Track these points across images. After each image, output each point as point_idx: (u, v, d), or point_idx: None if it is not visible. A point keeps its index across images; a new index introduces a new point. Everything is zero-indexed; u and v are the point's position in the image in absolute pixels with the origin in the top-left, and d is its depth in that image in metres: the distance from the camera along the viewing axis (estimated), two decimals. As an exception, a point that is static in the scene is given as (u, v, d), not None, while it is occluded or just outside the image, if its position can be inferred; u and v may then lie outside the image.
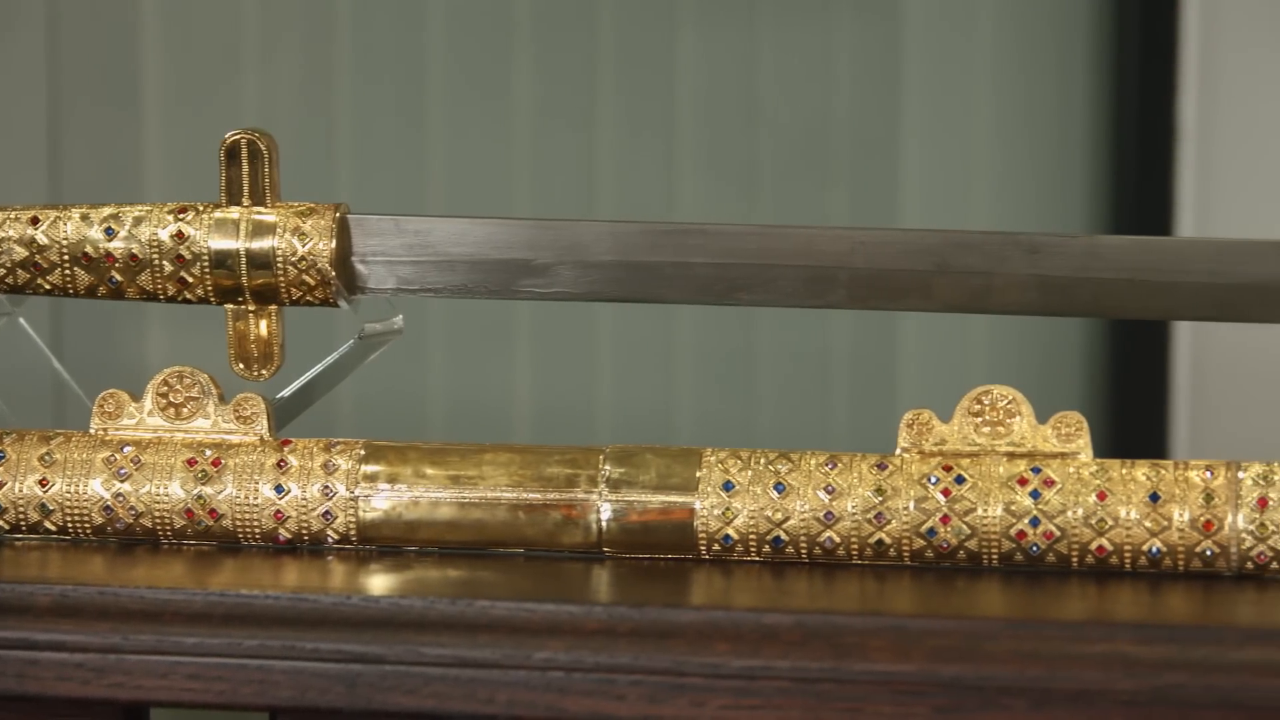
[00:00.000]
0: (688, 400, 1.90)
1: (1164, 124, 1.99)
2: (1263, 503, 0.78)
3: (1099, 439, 2.12)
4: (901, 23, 1.89)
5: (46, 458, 0.85)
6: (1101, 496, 0.79)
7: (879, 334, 1.93)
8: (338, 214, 0.86)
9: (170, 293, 0.87)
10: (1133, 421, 2.12)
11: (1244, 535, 0.78)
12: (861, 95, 1.89)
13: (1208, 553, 0.78)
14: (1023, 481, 0.80)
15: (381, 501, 0.83)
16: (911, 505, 0.80)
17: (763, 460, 0.82)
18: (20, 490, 0.85)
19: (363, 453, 0.84)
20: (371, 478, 0.83)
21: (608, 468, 0.82)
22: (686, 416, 1.91)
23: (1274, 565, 0.78)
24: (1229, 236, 0.86)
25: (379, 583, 0.79)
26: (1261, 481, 0.79)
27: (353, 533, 0.83)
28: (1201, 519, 0.78)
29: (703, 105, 1.86)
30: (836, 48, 1.88)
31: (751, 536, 0.81)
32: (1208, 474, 0.79)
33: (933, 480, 0.80)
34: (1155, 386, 2.08)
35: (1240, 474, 0.79)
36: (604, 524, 0.82)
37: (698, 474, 0.82)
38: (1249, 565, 0.79)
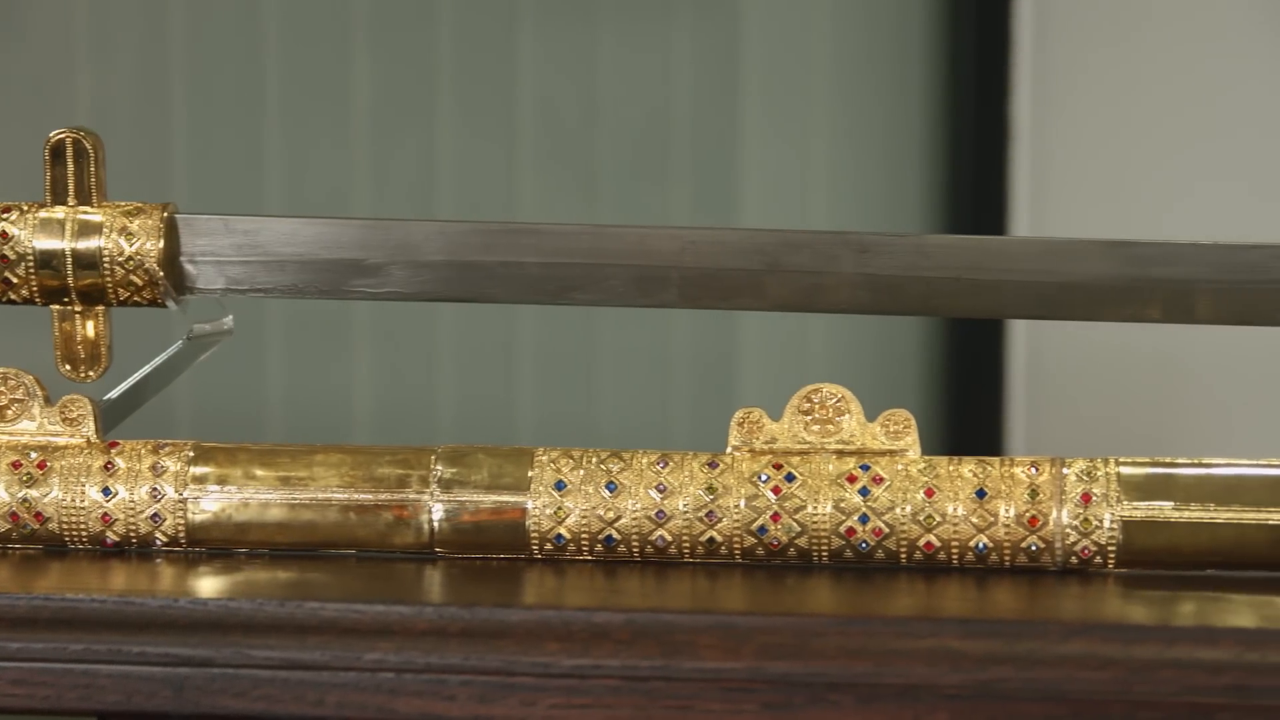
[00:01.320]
0: (528, 399, 1.90)
1: (998, 124, 2.02)
2: (1086, 498, 0.79)
3: (937, 437, 2.15)
4: (740, 24, 1.91)
5: None
6: (929, 493, 0.80)
7: (719, 333, 1.94)
8: (165, 214, 0.85)
9: (-6, 293, 0.86)
10: (970, 419, 2.14)
11: (1068, 530, 0.79)
12: (701, 95, 1.90)
13: (1033, 548, 0.79)
14: (852, 479, 0.80)
15: (211, 503, 0.82)
16: (742, 503, 0.80)
17: (594, 459, 0.82)
18: None
19: (191, 454, 0.83)
20: (200, 479, 0.83)
21: (439, 468, 0.82)
22: (527, 416, 1.91)
23: (1097, 560, 0.79)
24: (1062, 235, 0.87)
25: (207, 585, 0.78)
26: (1085, 477, 0.80)
27: (181, 535, 0.83)
28: (1027, 515, 0.79)
29: (543, 105, 1.86)
30: (676, 49, 1.89)
31: (584, 535, 0.81)
32: (1033, 470, 0.80)
33: (763, 478, 0.81)
34: (991, 384, 2.10)
35: (1065, 470, 0.80)
36: (436, 524, 0.82)
37: (530, 473, 0.82)
38: (1073, 560, 0.80)
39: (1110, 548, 0.79)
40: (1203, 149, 2.06)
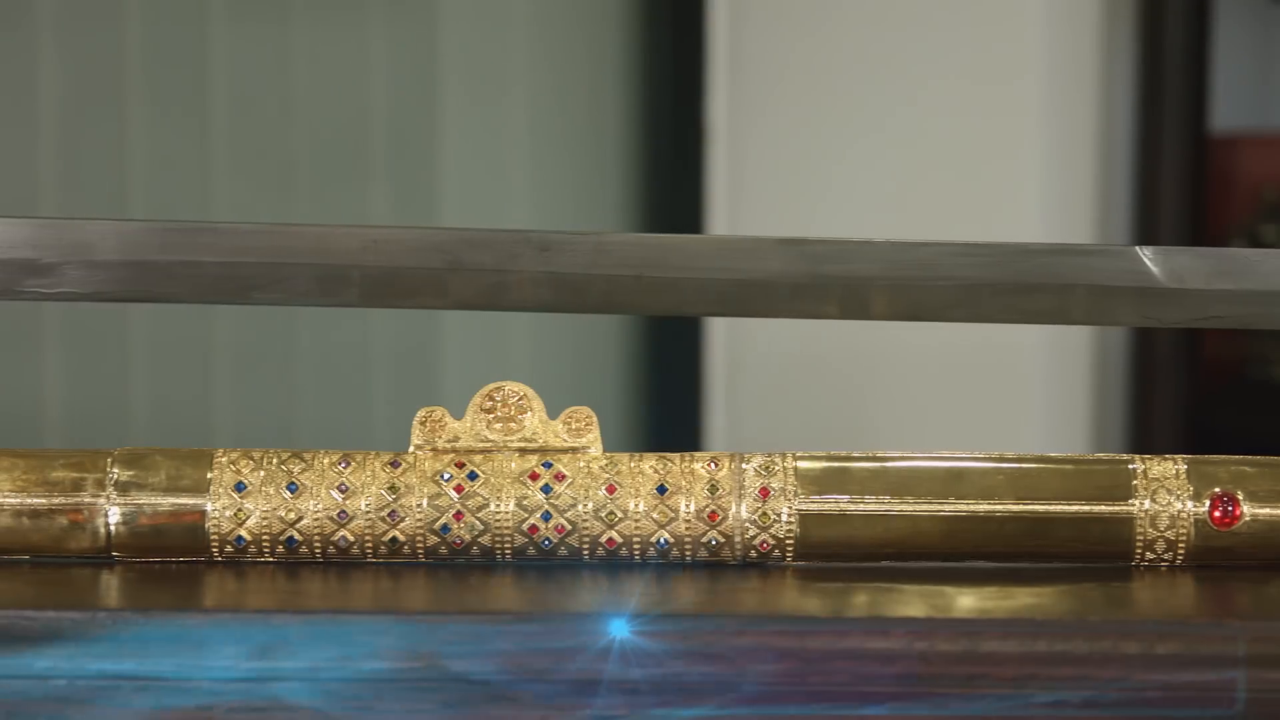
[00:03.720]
0: (226, 400, 1.88)
1: (694, 125, 2.04)
2: (765, 492, 0.80)
3: (638, 435, 2.16)
4: (437, 22, 1.90)
5: None
6: (611, 490, 0.80)
7: (422, 331, 1.93)
8: None
9: None
10: (671, 416, 2.16)
11: (747, 525, 0.80)
12: (399, 93, 1.89)
13: (713, 542, 0.80)
14: (534, 476, 0.81)
15: (-124, 510, 0.80)
16: (425, 502, 0.80)
17: (275, 460, 0.81)
18: None
19: None
20: None
21: (116, 471, 0.81)
22: (225, 417, 1.88)
23: (776, 553, 0.81)
24: (759, 234, 0.88)
25: None
26: (763, 472, 0.81)
27: None
28: (707, 510, 0.80)
29: (236, 101, 1.84)
30: (372, 46, 1.88)
31: (265, 537, 0.80)
32: (712, 465, 0.81)
33: (445, 477, 0.80)
34: (691, 381, 2.13)
35: (744, 465, 0.81)
36: (112, 528, 0.80)
37: (209, 475, 0.81)
38: (753, 554, 0.81)
39: (788, 541, 0.80)
40: (895, 148, 2.10)
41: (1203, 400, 2.29)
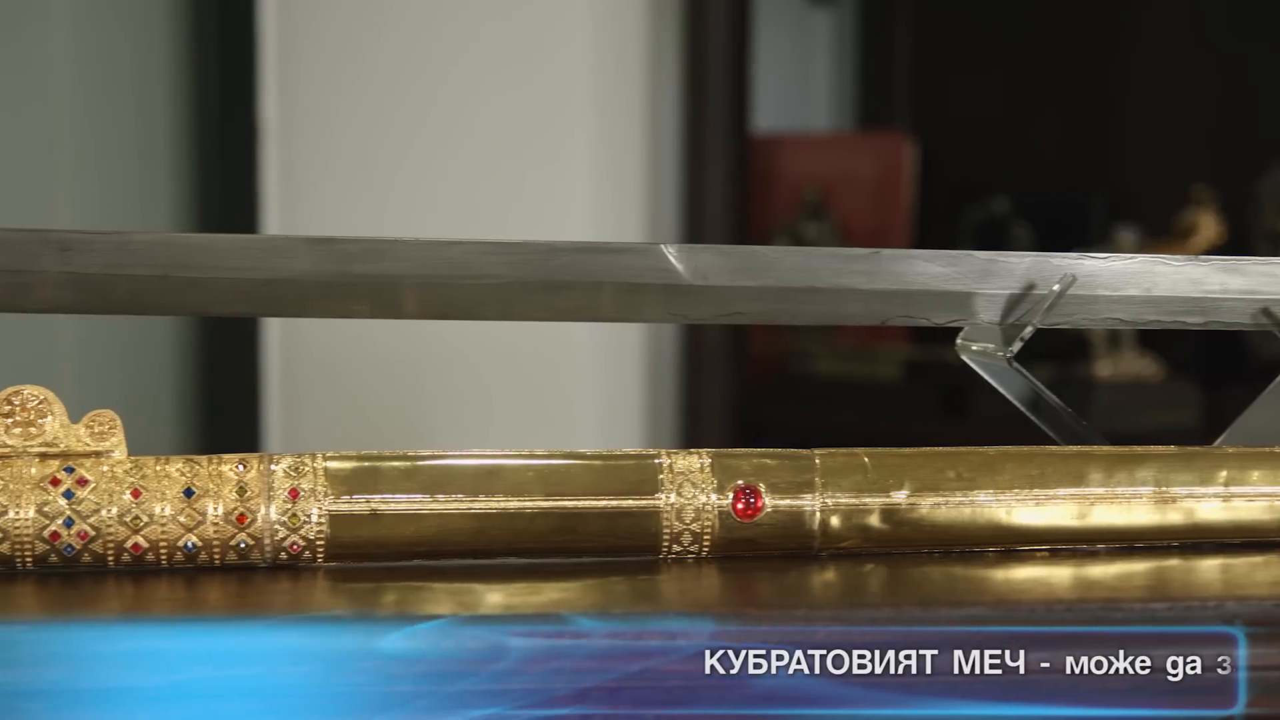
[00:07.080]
0: None
1: (247, 123, 2.02)
2: (294, 493, 0.80)
3: (194, 439, 2.12)
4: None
5: None
6: (136, 494, 0.79)
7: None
8: None
9: None
10: (228, 420, 2.13)
11: (277, 526, 0.79)
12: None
13: (242, 545, 0.79)
14: (55, 482, 0.79)
15: None
16: (-61, 511, 0.78)
17: None
18: None
19: None
20: None
21: None
22: None
23: (307, 554, 0.80)
24: (313, 232, 0.87)
25: None
26: (293, 473, 0.80)
27: None
28: (235, 512, 0.79)
29: None
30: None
31: None
32: (240, 468, 0.80)
33: (-39, 485, 0.78)
34: (248, 384, 2.10)
35: (273, 467, 0.80)
36: None
37: None
38: (283, 555, 0.80)
39: (319, 542, 0.80)
40: (449, 147, 2.11)
41: (751, 394, 2.35)
